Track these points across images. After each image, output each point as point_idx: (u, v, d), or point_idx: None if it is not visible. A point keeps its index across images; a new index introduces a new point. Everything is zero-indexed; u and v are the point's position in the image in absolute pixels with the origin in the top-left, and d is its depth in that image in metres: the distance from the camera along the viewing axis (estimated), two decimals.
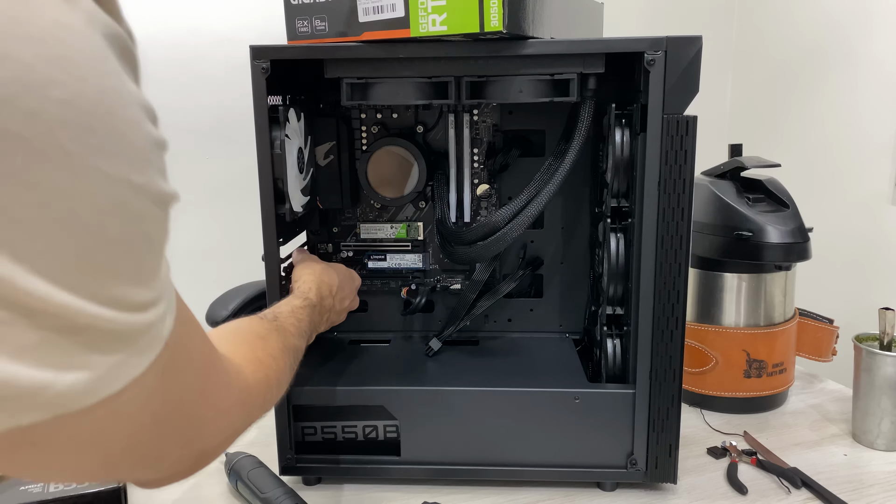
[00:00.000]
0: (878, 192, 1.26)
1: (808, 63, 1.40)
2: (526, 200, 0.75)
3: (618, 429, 0.77)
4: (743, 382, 0.96)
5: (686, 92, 0.70)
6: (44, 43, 0.23)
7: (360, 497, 0.79)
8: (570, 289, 0.94)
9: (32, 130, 0.23)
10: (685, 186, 0.71)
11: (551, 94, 0.73)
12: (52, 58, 0.24)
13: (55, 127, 0.24)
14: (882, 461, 0.85)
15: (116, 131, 0.26)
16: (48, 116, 0.24)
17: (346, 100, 0.74)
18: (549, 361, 0.86)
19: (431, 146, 0.90)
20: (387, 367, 0.86)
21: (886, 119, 1.24)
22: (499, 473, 0.79)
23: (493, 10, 0.63)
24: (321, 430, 0.81)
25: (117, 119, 0.26)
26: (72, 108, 0.24)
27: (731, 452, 0.86)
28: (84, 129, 0.25)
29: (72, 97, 0.24)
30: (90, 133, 0.25)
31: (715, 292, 0.97)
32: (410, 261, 0.93)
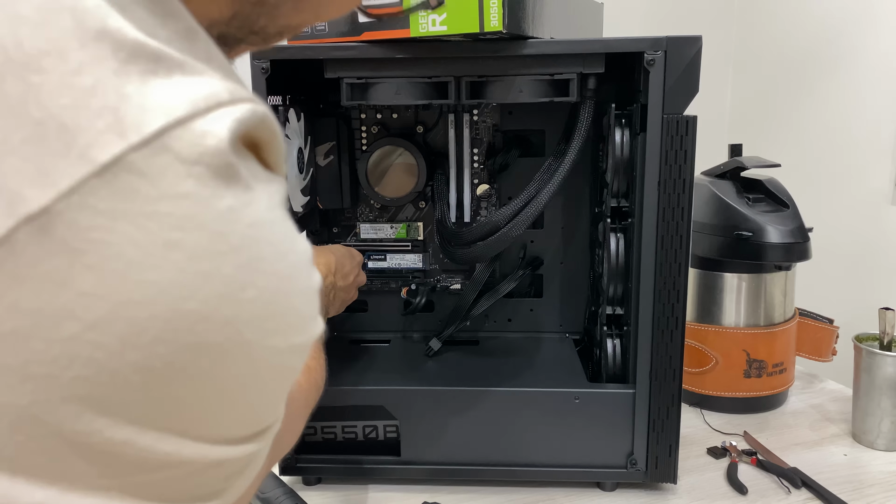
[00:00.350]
0: (878, 192, 1.26)
1: (808, 63, 1.40)
2: (526, 200, 0.75)
3: (618, 429, 0.77)
4: (743, 382, 0.96)
5: (686, 92, 0.70)
6: (240, 251, 0.24)
7: (360, 497, 0.79)
8: (570, 289, 0.94)
9: (223, 335, 0.24)
10: (685, 186, 0.71)
11: (551, 94, 0.73)
12: (247, 263, 0.24)
13: (243, 327, 0.25)
14: (882, 461, 0.85)
15: (290, 308, 0.27)
16: (238, 319, 0.24)
17: (346, 100, 0.74)
18: (549, 361, 0.86)
19: (431, 146, 0.90)
20: (387, 367, 0.86)
21: (886, 119, 1.24)
22: (499, 473, 0.79)
23: (492, 10, 0.63)
24: (321, 430, 0.81)
25: (292, 296, 0.27)
26: (258, 304, 0.25)
27: (731, 452, 0.86)
28: (265, 318, 0.25)
29: (260, 294, 0.25)
30: (269, 319, 0.26)
31: (715, 292, 0.97)
32: (410, 261, 0.93)
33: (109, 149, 0.22)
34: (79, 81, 0.22)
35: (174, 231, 0.23)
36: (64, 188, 0.21)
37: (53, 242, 0.21)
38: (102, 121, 0.22)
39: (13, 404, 0.22)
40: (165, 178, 0.22)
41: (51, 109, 0.21)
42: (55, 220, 0.21)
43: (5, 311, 0.21)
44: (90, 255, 0.22)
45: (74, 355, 0.22)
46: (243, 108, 0.24)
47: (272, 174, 0.27)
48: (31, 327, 0.22)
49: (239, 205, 0.24)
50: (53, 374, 0.22)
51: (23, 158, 0.21)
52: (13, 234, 0.21)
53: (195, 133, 0.23)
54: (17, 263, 0.21)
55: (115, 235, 0.22)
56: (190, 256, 0.23)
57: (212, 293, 0.24)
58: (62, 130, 0.21)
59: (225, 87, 0.24)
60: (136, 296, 0.22)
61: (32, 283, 0.21)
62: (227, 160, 0.24)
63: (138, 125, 0.22)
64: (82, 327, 0.22)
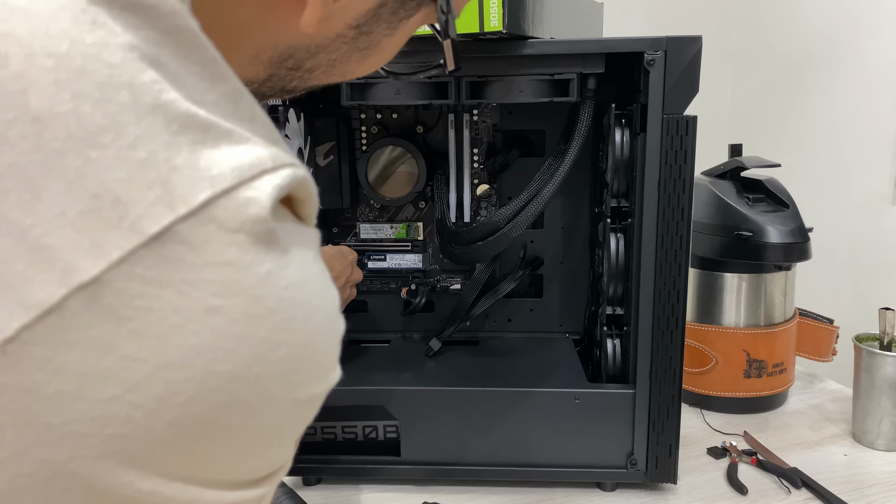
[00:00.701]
0: (878, 192, 1.26)
1: (808, 63, 1.40)
2: (526, 200, 0.75)
3: (618, 429, 0.76)
4: (743, 382, 0.96)
5: (686, 92, 0.70)
6: (276, 313, 0.25)
7: (360, 497, 0.79)
8: (570, 289, 0.94)
9: (253, 393, 0.25)
10: (685, 186, 0.71)
11: (551, 94, 0.73)
12: (281, 324, 0.25)
13: (271, 383, 0.25)
14: (882, 461, 0.85)
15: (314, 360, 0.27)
16: (268, 377, 0.25)
17: (346, 100, 0.74)
18: (549, 361, 0.86)
19: (431, 146, 0.90)
20: (387, 367, 0.86)
21: (886, 119, 1.24)
22: (499, 473, 0.79)
23: (492, 10, 0.63)
24: (321, 430, 0.81)
25: (318, 351, 0.27)
26: (287, 361, 0.26)
27: (731, 452, 0.86)
28: (291, 373, 0.26)
29: (290, 352, 0.26)
30: (295, 374, 0.26)
31: (715, 292, 0.97)
32: (410, 261, 0.93)
33: (159, 220, 0.23)
34: (133, 155, 0.23)
35: (215, 297, 0.23)
36: (115, 258, 0.22)
37: (102, 310, 0.22)
38: (153, 193, 0.23)
39: (52, 460, 0.23)
40: (210, 247, 0.23)
41: (106, 183, 0.22)
42: (104, 289, 0.22)
43: (52, 375, 0.22)
44: (135, 322, 0.23)
45: (113, 415, 0.23)
46: (285, 173, 0.25)
47: (306, 227, 0.28)
48: (75, 389, 0.22)
49: (276, 268, 0.25)
50: (92, 433, 0.23)
51: (78, 230, 0.22)
52: (65, 301, 0.22)
53: (239, 202, 0.24)
54: (66, 330, 0.22)
55: (160, 302, 0.23)
56: (229, 321, 0.24)
57: (246, 355, 0.24)
58: (116, 203, 0.22)
59: (269, 154, 0.25)
60: (175, 359, 0.23)
61: (80, 348, 0.22)
62: (268, 227, 0.25)
63: (186, 196, 0.23)
64: (123, 389, 0.23)
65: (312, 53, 0.36)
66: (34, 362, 0.22)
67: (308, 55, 0.36)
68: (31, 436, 0.23)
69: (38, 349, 0.22)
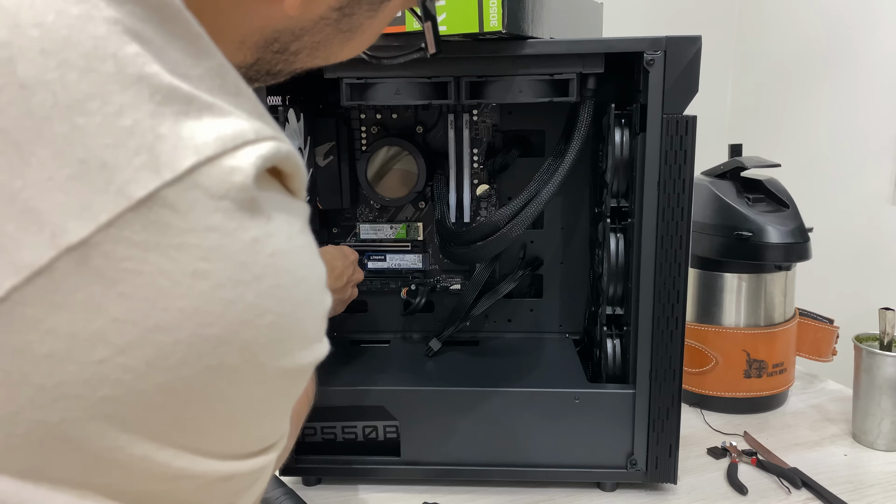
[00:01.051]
0: (878, 192, 1.26)
1: (808, 63, 1.40)
2: (525, 200, 0.75)
3: (618, 429, 0.76)
4: (743, 382, 0.96)
5: (685, 92, 0.70)
6: (262, 280, 0.26)
7: (359, 497, 0.79)
8: (569, 289, 0.94)
9: (241, 358, 0.26)
10: (685, 186, 0.71)
11: (551, 94, 0.73)
12: (267, 291, 0.26)
13: (259, 350, 0.26)
14: (882, 461, 0.85)
15: (300, 329, 0.28)
16: (256, 343, 0.26)
17: (346, 100, 0.74)
18: (549, 361, 0.86)
19: (431, 146, 0.90)
20: (387, 367, 0.86)
21: (886, 119, 1.24)
22: (499, 474, 0.79)
23: (492, 10, 0.63)
24: (321, 430, 0.81)
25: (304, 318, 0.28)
26: (274, 328, 0.26)
27: (732, 453, 0.86)
28: (279, 340, 0.27)
29: (277, 319, 0.26)
30: (282, 342, 0.27)
31: (715, 292, 0.97)
32: (410, 261, 0.93)
33: (145, 185, 0.23)
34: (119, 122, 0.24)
35: (202, 262, 0.24)
36: (103, 221, 0.23)
37: (90, 272, 0.23)
38: (139, 159, 0.23)
39: (44, 422, 0.23)
40: (195, 212, 0.24)
41: (93, 149, 0.23)
42: (93, 252, 0.23)
43: (43, 335, 0.23)
44: (123, 284, 0.23)
45: (104, 377, 0.23)
46: (268, 145, 0.26)
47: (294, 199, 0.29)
48: (66, 350, 0.23)
49: (262, 236, 0.26)
50: (84, 395, 0.23)
51: (67, 194, 0.23)
52: (54, 263, 0.23)
53: (223, 170, 0.25)
54: (56, 291, 0.23)
55: (147, 265, 0.23)
56: (215, 285, 0.25)
57: (233, 319, 0.25)
58: (103, 168, 0.23)
59: (251, 127, 0.26)
60: (164, 322, 0.24)
61: (70, 310, 0.23)
62: (252, 195, 0.25)
63: (171, 163, 0.24)
64: (113, 351, 0.23)
65: (297, 36, 0.37)
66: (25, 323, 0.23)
67: (293, 38, 0.36)
68: (23, 396, 0.23)
69: (29, 310, 0.23)
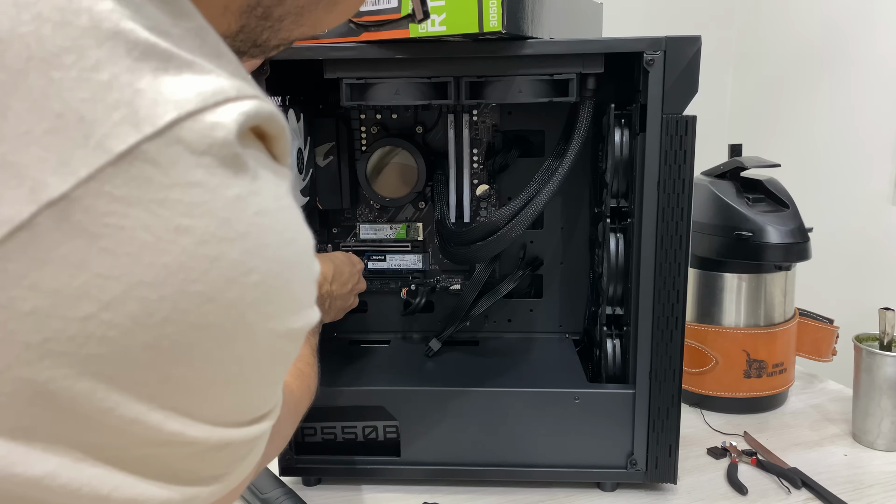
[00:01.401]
0: (878, 192, 1.26)
1: (808, 63, 1.40)
2: (525, 201, 0.75)
3: (618, 429, 0.76)
4: (743, 382, 0.96)
5: (685, 92, 0.70)
6: (247, 238, 0.26)
7: (360, 497, 0.79)
8: (569, 289, 0.94)
9: (227, 317, 0.25)
10: (685, 186, 0.71)
11: (550, 94, 0.73)
12: (252, 249, 0.26)
13: (246, 310, 0.26)
14: (882, 461, 0.85)
15: (289, 292, 0.28)
16: (242, 302, 0.26)
17: (346, 100, 0.74)
18: (549, 361, 0.86)
19: (431, 146, 0.90)
20: (386, 367, 0.86)
21: (886, 119, 1.24)
22: (499, 474, 0.79)
23: (492, 10, 0.63)
24: (321, 430, 0.81)
25: (292, 281, 0.28)
26: (261, 288, 0.26)
27: (731, 453, 0.86)
28: (266, 301, 0.27)
29: (263, 279, 0.26)
30: (270, 303, 0.27)
31: (715, 292, 0.97)
32: (410, 261, 0.93)
33: (125, 139, 0.23)
34: (96, 77, 0.23)
35: (184, 217, 0.24)
36: (83, 176, 0.23)
37: (72, 227, 0.23)
38: (118, 113, 0.23)
39: (32, 380, 0.23)
40: (176, 168, 0.24)
41: (70, 103, 0.23)
42: (74, 206, 0.23)
43: (27, 291, 0.23)
44: (106, 239, 0.23)
45: (90, 334, 0.23)
46: (249, 103, 0.26)
47: (279, 165, 0.29)
48: (50, 307, 0.23)
49: (246, 193, 0.26)
50: (70, 352, 0.23)
51: (44, 148, 0.23)
52: (35, 218, 0.22)
53: (205, 125, 0.24)
54: (38, 246, 0.22)
55: (129, 220, 0.23)
56: (198, 241, 0.24)
57: (218, 277, 0.25)
58: (81, 122, 0.23)
59: (232, 85, 0.26)
60: (148, 277, 0.24)
61: (52, 265, 0.23)
62: (235, 151, 0.25)
63: (151, 118, 0.23)
64: (98, 307, 0.23)
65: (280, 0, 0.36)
66: (8, 279, 0.22)
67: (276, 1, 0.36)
68: (9, 354, 0.23)
69: (11, 266, 0.22)
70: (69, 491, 0.25)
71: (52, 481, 0.25)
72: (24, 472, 0.24)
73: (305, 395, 0.56)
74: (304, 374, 0.57)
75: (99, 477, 0.25)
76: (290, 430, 0.53)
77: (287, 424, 0.52)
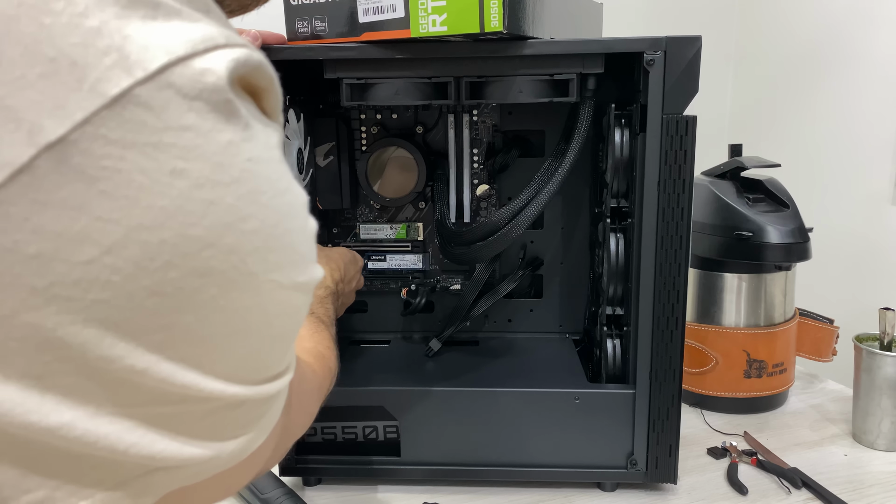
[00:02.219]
0: (879, 192, 1.26)
1: (808, 63, 1.40)
2: (525, 201, 0.75)
3: (618, 429, 0.76)
4: (743, 383, 0.96)
5: (686, 92, 0.70)
6: (241, 183, 0.26)
7: (360, 497, 0.79)
8: (569, 289, 0.94)
9: (228, 263, 0.26)
10: (685, 186, 0.71)
11: (551, 94, 0.73)
12: (247, 195, 0.26)
13: (247, 257, 0.27)
14: (882, 461, 0.85)
15: (289, 244, 0.29)
16: (242, 249, 0.26)
17: (346, 100, 0.74)
18: (549, 361, 0.86)
19: (431, 146, 0.90)
20: (387, 367, 0.86)
21: (887, 119, 1.24)
22: (499, 474, 0.79)
23: (493, 10, 0.63)
24: (321, 430, 0.81)
25: (291, 232, 0.29)
26: (260, 236, 0.27)
27: (732, 453, 0.86)
28: (267, 250, 0.27)
29: (261, 226, 0.27)
30: (271, 252, 0.28)
31: (715, 292, 0.97)
32: (410, 261, 0.93)
33: (118, 83, 0.23)
34: (86, 23, 0.23)
35: (178, 160, 0.24)
36: (78, 119, 0.23)
37: (71, 169, 0.23)
38: (109, 58, 0.24)
39: (40, 325, 0.24)
40: (168, 111, 0.24)
41: (62, 48, 0.23)
42: (71, 149, 0.23)
43: (30, 235, 0.23)
44: (104, 182, 0.23)
45: (94, 278, 0.24)
46: (239, 50, 0.26)
47: (270, 121, 0.29)
48: (54, 250, 0.23)
49: (238, 140, 0.26)
50: (75, 297, 0.24)
51: (40, 92, 0.23)
52: (34, 161, 0.23)
53: (195, 70, 0.25)
54: (38, 189, 0.23)
55: (126, 163, 0.24)
56: (194, 185, 0.25)
57: (216, 221, 0.25)
58: (73, 67, 0.23)
59: (221, 33, 0.26)
60: (147, 221, 0.24)
61: (53, 208, 0.23)
62: (226, 97, 0.25)
63: (143, 62, 0.24)
64: (100, 251, 0.24)
65: None
66: (11, 222, 0.23)
67: None
68: (16, 298, 0.23)
69: (14, 209, 0.23)
70: (85, 443, 0.25)
71: (69, 433, 0.25)
72: (40, 422, 0.24)
73: (327, 377, 0.57)
74: (325, 357, 0.58)
75: (117, 432, 0.26)
76: (316, 407, 0.54)
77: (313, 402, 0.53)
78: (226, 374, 0.28)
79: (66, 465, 0.26)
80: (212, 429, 0.29)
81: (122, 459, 0.26)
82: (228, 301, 0.26)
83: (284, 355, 0.32)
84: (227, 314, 0.27)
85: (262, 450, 0.35)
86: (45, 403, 0.24)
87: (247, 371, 0.29)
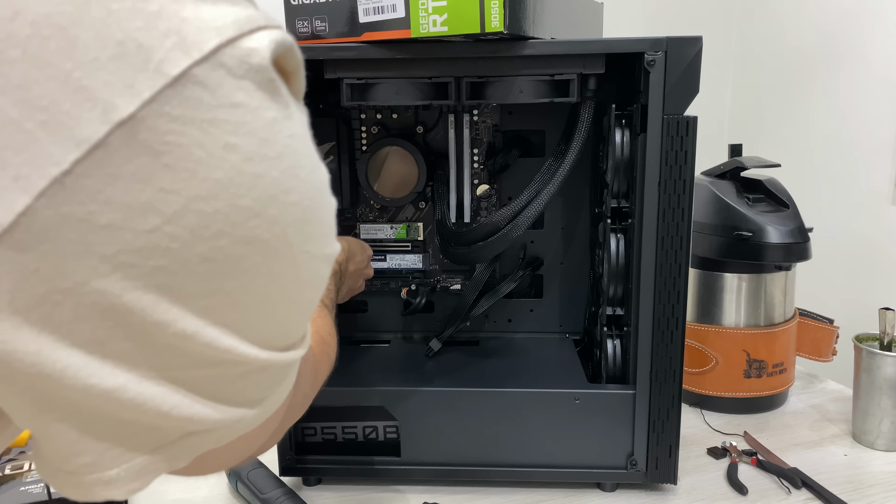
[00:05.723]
0: (878, 192, 1.26)
1: (808, 63, 1.40)
2: (526, 201, 0.75)
3: (618, 429, 0.77)
4: (743, 382, 0.96)
5: (686, 92, 0.70)
6: (284, 158, 0.28)
7: (360, 497, 0.79)
8: (570, 289, 0.94)
9: (271, 233, 0.28)
10: (685, 187, 0.71)
11: (551, 94, 0.73)
12: (290, 168, 0.28)
13: (288, 227, 0.29)
14: (882, 461, 0.85)
15: (321, 216, 0.31)
16: (284, 219, 0.28)
17: (346, 100, 0.74)
18: (549, 361, 0.86)
19: (431, 146, 0.90)
20: (387, 367, 0.86)
21: (886, 119, 1.24)
22: (499, 474, 0.79)
23: (493, 10, 0.63)
24: (321, 430, 0.81)
25: (323, 205, 0.31)
26: (299, 208, 0.29)
27: (732, 453, 0.86)
28: (304, 222, 0.29)
29: (300, 199, 0.29)
30: (307, 224, 0.30)
31: (715, 292, 0.97)
32: (410, 261, 0.93)
33: (178, 63, 0.25)
34: (147, 7, 0.25)
35: (231, 136, 0.26)
36: (146, 97, 0.25)
37: (139, 144, 0.25)
38: (170, 40, 0.25)
39: (108, 292, 0.25)
40: (221, 89, 0.26)
41: (128, 31, 0.25)
42: (139, 126, 0.25)
43: (103, 206, 0.25)
44: (167, 156, 0.25)
45: (155, 246, 0.26)
46: (277, 32, 0.28)
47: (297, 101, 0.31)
48: (122, 220, 0.25)
49: (281, 117, 0.28)
50: (138, 264, 0.26)
51: (111, 73, 0.25)
52: (108, 137, 0.24)
53: (243, 51, 0.27)
54: (111, 163, 0.25)
55: (186, 138, 0.25)
56: (244, 158, 0.27)
57: (262, 193, 0.27)
58: (140, 49, 0.25)
59: (261, 15, 0.28)
60: (203, 192, 0.26)
61: (123, 181, 0.25)
62: (270, 76, 0.28)
63: (198, 43, 0.26)
64: (162, 220, 0.25)
65: None
66: (87, 194, 0.24)
67: None
68: (88, 266, 0.25)
69: (89, 182, 0.24)
70: (135, 405, 0.27)
71: (122, 394, 0.27)
72: (99, 384, 0.26)
73: (325, 361, 0.58)
74: (326, 342, 0.59)
75: (161, 395, 0.28)
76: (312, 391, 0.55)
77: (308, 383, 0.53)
78: (258, 339, 0.30)
79: (114, 429, 0.28)
80: (240, 392, 0.31)
81: (163, 424, 0.29)
82: (269, 268, 0.28)
83: (303, 323, 0.34)
84: (266, 280, 0.29)
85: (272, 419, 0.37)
86: (104, 368, 0.27)
87: (274, 337, 0.31)
